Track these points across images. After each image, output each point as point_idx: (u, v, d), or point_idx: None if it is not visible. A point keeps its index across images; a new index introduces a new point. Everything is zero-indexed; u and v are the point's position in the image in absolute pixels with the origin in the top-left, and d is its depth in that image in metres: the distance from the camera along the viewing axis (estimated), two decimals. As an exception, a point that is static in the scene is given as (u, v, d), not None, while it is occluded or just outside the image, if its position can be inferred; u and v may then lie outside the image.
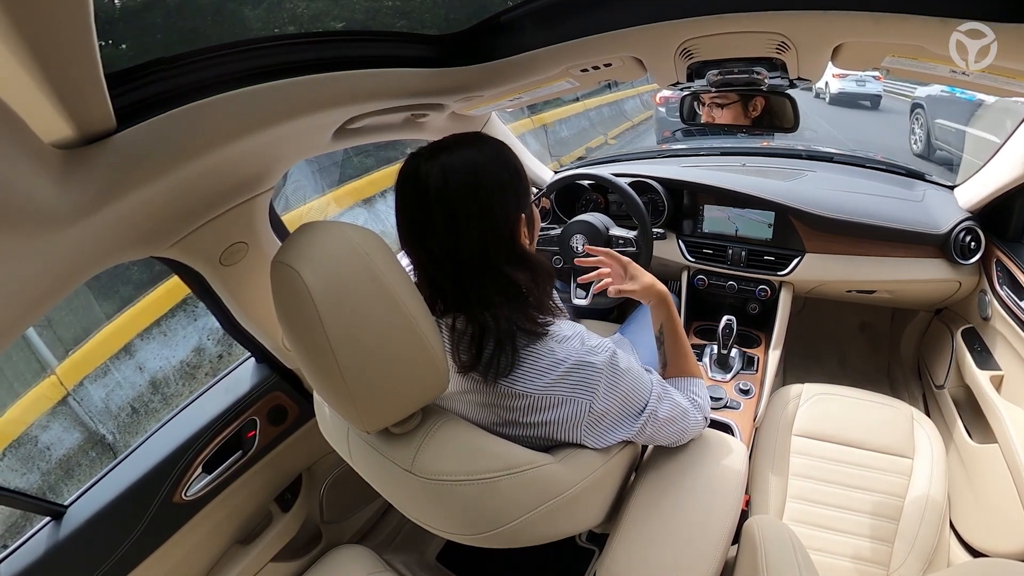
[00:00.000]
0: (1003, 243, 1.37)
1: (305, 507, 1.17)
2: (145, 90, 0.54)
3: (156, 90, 0.54)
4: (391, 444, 0.63)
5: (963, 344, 1.43)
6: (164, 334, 3.13)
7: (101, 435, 2.85)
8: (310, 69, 0.66)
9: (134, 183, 0.56)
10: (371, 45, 0.73)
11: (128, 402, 2.97)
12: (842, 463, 1.20)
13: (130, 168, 0.55)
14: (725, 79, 1.00)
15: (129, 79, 0.53)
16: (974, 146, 4.90)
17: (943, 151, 5.54)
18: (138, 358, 3.04)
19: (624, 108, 10.66)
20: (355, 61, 0.71)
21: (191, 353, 3.18)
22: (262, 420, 1.08)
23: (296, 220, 3.31)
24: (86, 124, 0.48)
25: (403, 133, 1.08)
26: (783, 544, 0.74)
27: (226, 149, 0.65)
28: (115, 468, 0.94)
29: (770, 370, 1.46)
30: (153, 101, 0.54)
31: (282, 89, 0.63)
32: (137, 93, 0.53)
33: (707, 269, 1.63)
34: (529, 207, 0.71)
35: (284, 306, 0.55)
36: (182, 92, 0.56)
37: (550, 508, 0.64)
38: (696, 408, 0.83)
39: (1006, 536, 1.09)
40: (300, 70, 0.65)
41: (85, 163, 0.50)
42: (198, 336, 3.22)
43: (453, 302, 0.67)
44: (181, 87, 0.56)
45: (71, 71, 0.41)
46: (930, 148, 5.67)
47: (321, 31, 0.70)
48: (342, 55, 0.70)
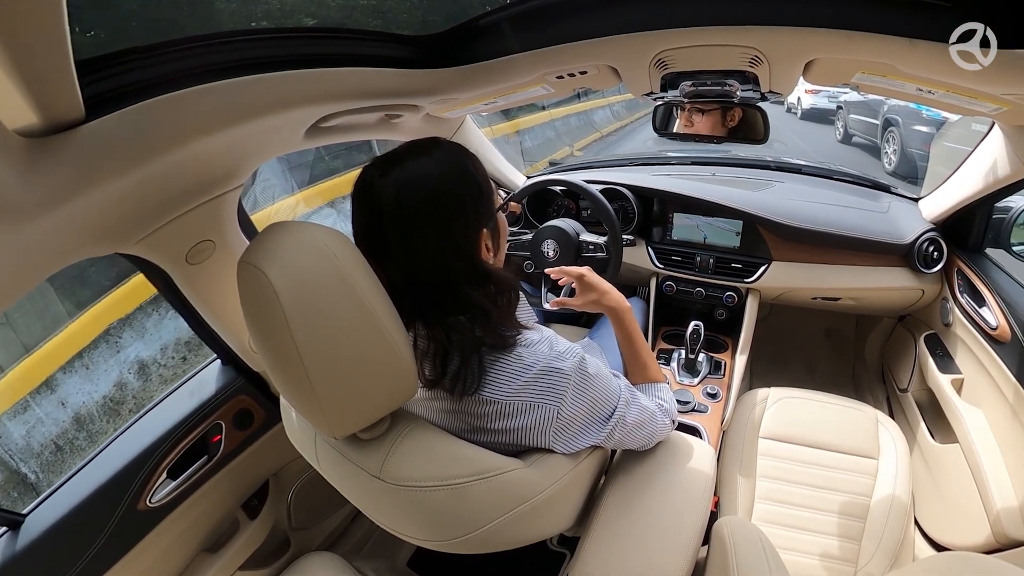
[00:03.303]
0: (964, 253, 1.43)
1: (272, 514, 1.14)
2: (117, 80, 0.52)
3: (128, 80, 0.52)
4: (359, 450, 0.62)
5: (925, 349, 1.48)
6: (87, 367, 2.90)
7: (23, 474, 2.65)
8: (285, 65, 0.64)
9: (102, 176, 0.54)
10: (348, 43, 0.72)
11: (51, 439, 2.75)
12: (809, 464, 1.23)
13: (98, 160, 0.53)
14: (698, 90, 1.03)
15: (100, 67, 0.51)
16: (944, 160, 5.04)
17: (919, 164, 5.62)
18: (60, 393, 2.80)
19: (593, 119, 10.19)
20: (331, 59, 0.69)
21: (113, 388, 2.95)
22: (228, 424, 1.05)
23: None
24: (53, 113, 0.46)
25: (377, 133, 1.07)
26: (753, 544, 0.75)
27: (197, 144, 0.63)
28: (77, 474, 0.90)
29: (737, 374, 1.49)
30: (125, 91, 0.52)
31: (256, 84, 0.62)
32: (108, 82, 0.51)
33: (675, 276, 1.66)
34: (494, 219, 0.69)
35: (250, 307, 0.53)
36: (155, 83, 0.54)
37: (520, 513, 0.64)
38: (663, 412, 0.84)
39: (968, 530, 1.13)
40: (275, 65, 0.63)
41: (51, 153, 0.48)
42: (119, 369, 2.99)
43: (413, 317, 0.65)
44: (154, 78, 0.54)
45: (39, 56, 0.39)
46: (906, 164, 5.74)
47: (298, 27, 0.68)
48: (318, 52, 0.68)
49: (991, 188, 1.21)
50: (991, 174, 1.18)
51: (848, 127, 7.63)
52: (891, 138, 6.13)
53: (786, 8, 0.66)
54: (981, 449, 1.16)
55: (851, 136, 7.61)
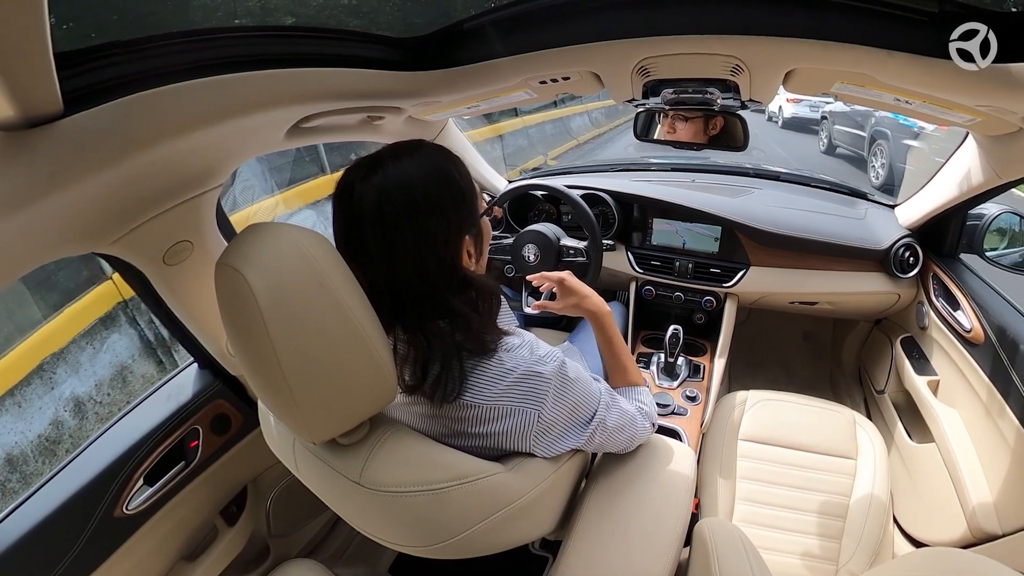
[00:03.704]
0: (940, 259, 1.47)
1: (251, 521, 1.12)
2: (97, 74, 0.50)
3: (109, 75, 0.51)
4: (338, 455, 0.61)
5: (902, 352, 1.52)
6: (19, 405, 2.70)
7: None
8: (268, 64, 0.63)
9: (79, 172, 0.53)
10: (332, 43, 0.71)
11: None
12: (788, 465, 1.25)
13: (75, 156, 0.51)
14: (679, 98, 1.04)
15: (80, 61, 0.49)
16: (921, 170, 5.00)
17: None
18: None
19: (570, 126, 9.75)
20: (314, 58, 0.69)
21: (49, 427, 2.76)
22: (205, 429, 1.03)
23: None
24: (30, 106, 0.44)
25: (358, 135, 1.06)
26: (734, 545, 0.76)
27: (177, 142, 0.61)
28: (50, 481, 0.87)
29: (716, 377, 1.51)
30: (105, 86, 0.50)
31: (238, 83, 0.61)
32: (88, 76, 0.50)
33: (655, 280, 1.68)
34: (476, 225, 0.68)
35: (228, 310, 0.52)
36: (136, 79, 0.52)
37: (502, 517, 0.64)
38: (643, 415, 0.84)
39: (945, 527, 1.16)
40: (258, 64, 0.62)
41: (27, 148, 0.47)
42: (54, 407, 2.79)
43: (392, 322, 0.65)
44: (135, 74, 0.52)
45: (17, 47, 0.38)
46: (894, 179, 5.60)
47: (282, 25, 0.68)
48: (302, 51, 0.67)
49: (965, 196, 1.25)
50: (965, 182, 1.22)
51: (833, 138, 7.58)
52: (879, 151, 6.01)
53: (767, 19, 0.67)
54: (957, 448, 1.19)
55: (835, 147, 7.57)
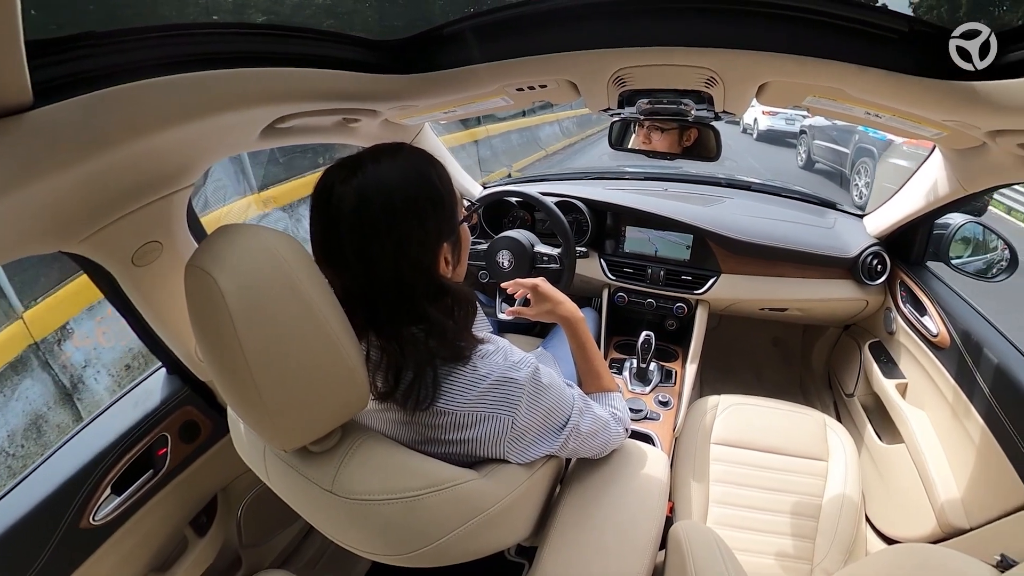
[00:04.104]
0: (907, 266, 1.52)
1: (222, 530, 1.09)
2: (70, 65, 0.48)
3: (83, 67, 0.49)
4: (310, 463, 0.60)
5: (870, 356, 1.57)
6: None
7: None
8: (244, 62, 0.62)
9: (47, 167, 0.51)
10: (310, 43, 0.70)
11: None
12: (760, 468, 1.27)
13: (44, 150, 0.49)
14: (654, 108, 1.06)
15: (53, 51, 0.47)
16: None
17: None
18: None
19: (538, 135, 9.35)
20: (292, 58, 0.67)
21: None
22: (173, 436, 1.00)
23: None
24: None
25: (333, 136, 1.05)
26: (709, 547, 0.77)
27: (149, 139, 0.60)
28: (12, 491, 0.83)
29: (687, 383, 1.54)
30: (78, 78, 0.48)
31: (214, 80, 0.59)
32: (61, 67, 0.47)
33: (627, 287, 1.70)
34: (455, 232, 0.67)
35: (197, 313, 0.51)
36: (111, 72, 0.50)
37: (477, 524, 0.63)
38: (616, 420, 0.85)
39: (916, 524, 1.20)
40: (235, 62, 0.61)
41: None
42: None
43: (366, 327, 0.64)
44: (110, 67, 0.50)
45: None
46: (879, 199, 5.40)
47: (261, 23, 0.66)
48: (279, 50, 0.66)
49: (932, 206, 1.30)
50: (932, 193, 1.27)
51: (812, 153, 7.46)
52: (863, 170, 5.78)
53: (743, 33, 0.69)
54: (925, 448, 1.23)
55: (814, 163, 7.46)
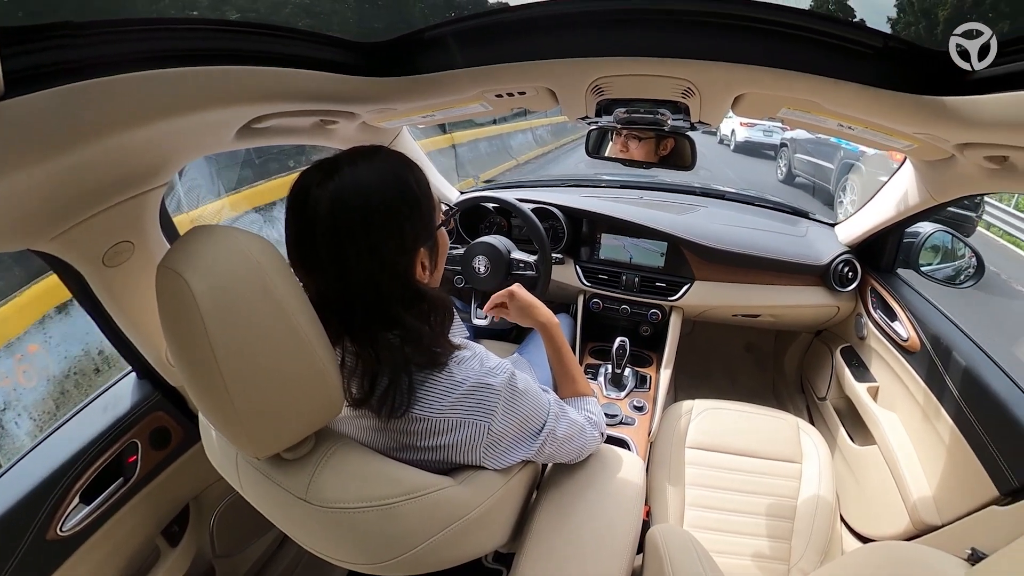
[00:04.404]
0: (877, 273, 1.57)
1: (195, 540, 1.06)
2: (45, 55, 0.46)
3: (59, 57, 0.46)
4: (283, 471, 0.59)
5: (842, 361, 1.61)
6: None
7: None
8: (223, 59, 0.60)
9: (17, 161, 0.49)
10: (290, 42, 0.68)
11: None
12: (735, 471, 1.29)
13: (14, 143, 0.47)
14: (631, 117, 1.07)
15: (28, 39, 0.45)
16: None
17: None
18: None
19: (510, 144, 8.84)
20: (271, 57, 0.66)
21: None
22: (144, 443, 0.97)
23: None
24: None
25: (310, 138, 1.04)
26: (686, 549, 0.78)
27: (124, 135, 0.58)
28: None
29: (662, 388, 1.56)
30: (53, 70, 0.46)
31: (191, 77, 0.58)
32: (35, 57, 0.45)
33: (602, 293, 1.72)
34: (433, 236, 0.67)
35: (168, 316, 0.50)
36: (87, 64, 0.48)
37: (453, 531, 0.63)
38: (592, 425, 0.86)
39: (890, 522, 1.24)
40: (213, 59, 0.59)
41: None
42: None
43: (341, 333, 0.64)
44: (88, 59, 0.48)
45: None
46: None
47: (241, 21, 0.65)
48: (259, 49, 0.65)
49: (903, 215, 1.34)
50: (903, 203, 1.31)
51: (793, 167, 7.31)
52: (849, 187, 5.60)
53: (720, 45, 0.70)
54: (897, 448, 1.27)
55: (794, 176, 7.33)
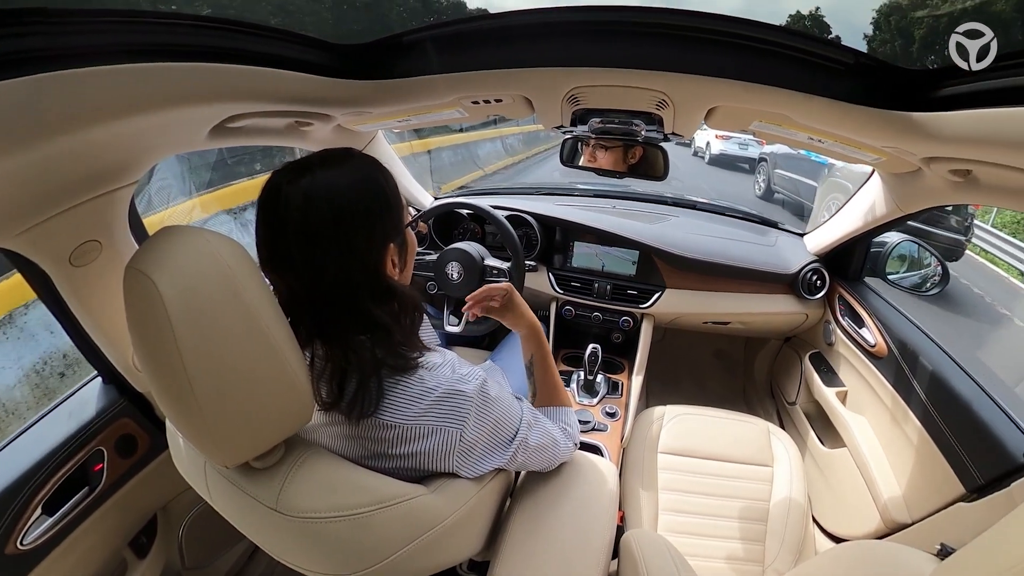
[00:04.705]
0: (845, 282, 1.62)
1: (163, 552, 1.03)
2: (16, 42, 0.44)
3: (29, 45, 0.45)
4: (253, 480, 0.58)
5: (811, 366, 1.65)
6: None
7: None
8: (199, 56, 0.59)
9: None
10: (268, 41, 0.68)
11: None
12: (707, 475, 1.32)
13: None
14: (606, 127, 1.09)
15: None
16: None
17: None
18: None
19: (477, 152, 8.31)
20: (248, 56, 0.65)
21: None
22: (110, 451, 0.94)
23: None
24: None
25: (284, 140, 1.03)
26: (661, 553, 0.78)
27: (94, 130, 0.56)
28: None
29: (634, 394, 1.58)
30: (23, 58, 0.45)
31: (165, 73, 0.57)
32: (5, 44, 0.44)
33: (575, 301, 1.74)
34: (402, 234, 0.68)
35: (136, 319, 0.49)
36: (59, 55, 0.47)
37: (427, 540, 0.63)
38: (566, 436, 0.86)
39: (861, 521, 1.27)
40: (189, 55, 0.58)
41: None
42: None
43: (312, 334, 0.63)
44: (60, 48, 0.47)
45: None
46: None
47: (219, 17, 0.63)
48: (236, 47, 0.64)
49: (870, 226, 1.40)
50: (870, 214, 1.36)
51: (772, 182, 7.11)
52: (834, 204, 5.83)
53: (695, 58, 0.72)
54: (867, 450, 1.31)
55: (774, 192, 7.15)
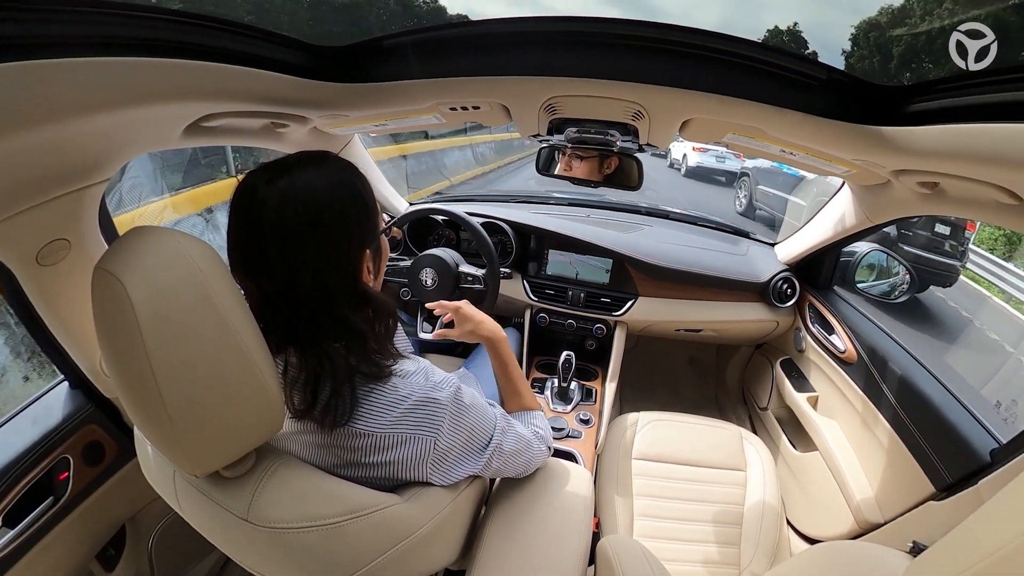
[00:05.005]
0: (815, 290, 1.67)
1: (132, 564, 1.00)
2: None
3: (2, 33, 0.43)
4: (223, 489, 0.57)
5: (782, 372, 1.70)
6: None
7: None
8: (176, 52, 0.58)
9: None
10: (247, 40, 0.67)
11: None
12: (681, 480, 1.34)
13: None
14: (582, 137, 1.11)
15: None
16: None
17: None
18: None
19: (444, 161, 7.90)
20: (226, 54, 0.64)
21: None
22: (76, 459, 0.91)
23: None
24: None
25: (259, 141, 1.02)
26: (637, 559, 0.78)
27: (65, 125, 0.55)
28: None
29: (607, 401, 1.60)
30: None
31: (141, 68, 0.55)
32: None
33: (549, 308, 1.75)
34: (377, 240, 0.68)
35: (103, 322, 0.47)
36: (31, 45, 0.45)
37: (401, 550, 0.62)
38: (539, 439, 0.87)
39: (834, 523, 1.30)
40: (166, 51, 0.57)
41: None
42: None
43: (285, 340, 0.63)
44: (32, 37, 0.45)
45: None
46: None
47: (199, 13, 0.62)
48: (213, 44, 0.63)
49: (840, 236, 1.44)
50: (840, 224, 1.41)
51: (755, 198, 6.89)
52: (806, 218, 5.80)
53: (672, 71, 0.73)
54: (838, 453, 1.34)
55: (756, 208, 6.92)
